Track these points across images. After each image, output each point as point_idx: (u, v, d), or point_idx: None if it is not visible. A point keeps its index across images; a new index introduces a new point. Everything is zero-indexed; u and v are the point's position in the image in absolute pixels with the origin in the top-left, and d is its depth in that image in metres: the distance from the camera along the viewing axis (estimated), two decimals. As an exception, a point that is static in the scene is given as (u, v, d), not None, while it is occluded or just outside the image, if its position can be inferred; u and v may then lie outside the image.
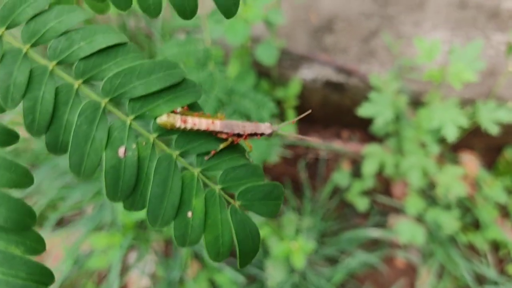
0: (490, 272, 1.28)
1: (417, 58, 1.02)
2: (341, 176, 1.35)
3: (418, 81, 1.27)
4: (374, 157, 1.18)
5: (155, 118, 0.26)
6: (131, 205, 0.26)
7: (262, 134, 0.31)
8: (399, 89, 1.19)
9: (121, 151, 0.24)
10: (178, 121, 0.26)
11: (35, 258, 0.24)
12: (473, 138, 1.36)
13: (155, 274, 1.39)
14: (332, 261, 1.39)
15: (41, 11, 0.25)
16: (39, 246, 0.24)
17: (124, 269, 1.41)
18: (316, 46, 1.35)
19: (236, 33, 1.03)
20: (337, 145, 1.40)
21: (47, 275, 0.23)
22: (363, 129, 1.52)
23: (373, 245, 1.42)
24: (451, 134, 1.01)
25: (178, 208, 0.26)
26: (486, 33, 1.32)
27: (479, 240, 1.30)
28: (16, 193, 0.28)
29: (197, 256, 1.34)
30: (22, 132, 0.27)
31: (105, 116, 0.25)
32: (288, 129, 1.20)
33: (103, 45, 0.24)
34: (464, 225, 1.35)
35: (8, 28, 0.25)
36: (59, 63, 0.25)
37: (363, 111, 1.09)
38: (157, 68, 0.25)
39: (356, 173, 1.44)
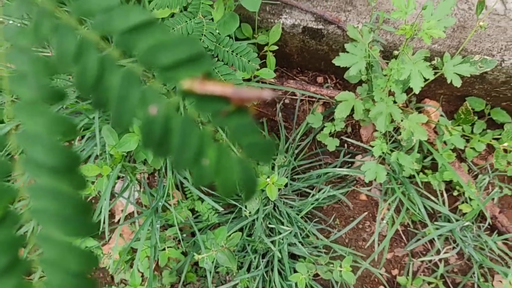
0: (444, 209, 1.42)
1: (392, 13, 1.08)
2: (314, 118, 1.44)
3: (392, 32, 1.34)
4: (346, 103, 1.26)
5: (179, 83, 0.33)
6: (160, 153, 0.33)
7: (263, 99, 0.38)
8: (373, 39, 1.26)
9: (153, 110, 0.32)
10: (197, 86, 0.33)
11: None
12: (438, 88, 1.46)
13: (140, 202, 1.49)
14: (302, 195, 1.51)
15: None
16: (82, 184, 0.31)
17: (111, 197, 1.50)
18: (298, -8, 1.39)
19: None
20: (312, 90, 1.48)
21: (87, 210, 0.31)
22: (338, 75, 1.60)
23: (340, 181, 1.54)
24: (417, 86, 1.11)
25: (196, 157, 0.33)
26: (460, -14, 1.38)
27: (436, 181, 1.43)
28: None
29: (178, 187, 1.44)
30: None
31: (140, 81, 0.32)
32: (268, 74, 1.27)
33: (137, 21, 0.31)
34: (423, 167, 1.48)
35: (59, 3, 0.32)
36: (102, 36, 0.32)
37: (339, 61, 1.17)
38: (181, 42, 0.31)
39: (329, 115, 1.53)
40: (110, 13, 0.31)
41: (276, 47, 1.40)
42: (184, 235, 1.46)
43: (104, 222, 1.31)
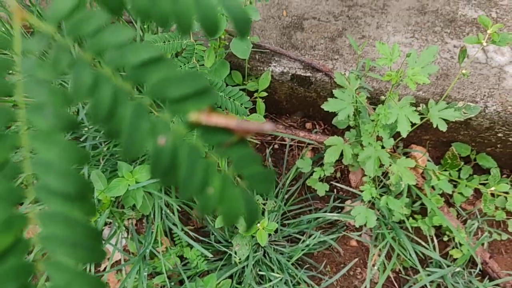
0: (435, 255, 1.42)
1: (378, 60, 1.12)
2: (304, 163, 1.45)
3: (378, 80, 1.38)
4: (335, 147, 1.29)
5: (186, 116, 0.34)
6: (168, 182, 0.34)
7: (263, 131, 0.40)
8: (360, 86, 1.30)
9: (161, 140, 0.33)
10: (203, 118, 0.35)
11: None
12: (424, 134, 1.50)
13: (127, 249, 1.47)
14: (293, 240, 1.51)
15: (100, 29, 0.34)
16: (92, 212, 0.32)
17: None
18: (286, 42, 1.44)
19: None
20: (302, 135, 1.50)
21: (98, 236, 0.32)
22: (326, 121, 1.64)
23: (330, 227, 1.54)
24: (404, 130, 1.14)
25: (202, 186, 0.34)
26: (442, 37, 1.44)
27: (426, 226, 1.43)
28: None
29: (167, 233, 1.43)
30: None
31: (149, 113, 0.34)
32: (258, 120, 1.29)
33: (147, 57, 0.33)
34: (413, 212, 1.49)
35: (74, 40, 0.34)
36: (114, 70, 0.34)
37: (328, 106, 1.20)
38: (188, 77, 0.33)
39: (318, 161, 1.55)
40: (122, 49, 0.33)
41: (265, 94, 1.43)
42: (172, 283, 1.43)
43: (89, 271, 1.28)
